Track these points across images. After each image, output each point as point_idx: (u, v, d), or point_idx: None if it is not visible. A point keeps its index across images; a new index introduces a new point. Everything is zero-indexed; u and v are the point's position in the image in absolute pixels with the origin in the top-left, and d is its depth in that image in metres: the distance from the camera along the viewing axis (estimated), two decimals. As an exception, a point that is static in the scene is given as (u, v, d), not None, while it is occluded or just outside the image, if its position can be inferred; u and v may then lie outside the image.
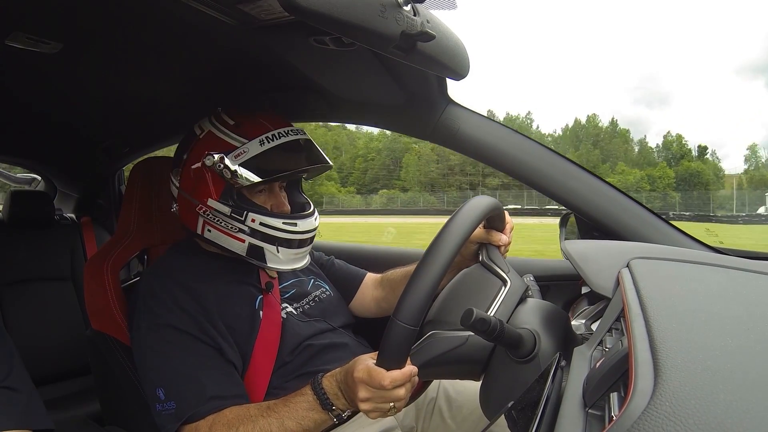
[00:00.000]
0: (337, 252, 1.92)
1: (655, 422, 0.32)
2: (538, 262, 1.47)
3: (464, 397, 1.15)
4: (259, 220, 1.03)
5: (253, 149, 1.01)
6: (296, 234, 1.06)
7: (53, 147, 2.02)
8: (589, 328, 0.83)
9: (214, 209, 1.03)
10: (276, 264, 1.06)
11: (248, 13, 0.81)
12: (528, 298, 0.85)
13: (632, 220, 1.17)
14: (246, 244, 1.04)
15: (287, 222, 1.05)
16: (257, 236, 1.03)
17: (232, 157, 1.00)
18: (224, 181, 1.01)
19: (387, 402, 0.79)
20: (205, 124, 1.07)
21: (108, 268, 1.17)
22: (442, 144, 1.30)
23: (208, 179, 1.03)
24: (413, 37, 0.75)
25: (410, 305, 0.68)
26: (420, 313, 0.69)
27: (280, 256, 1.05)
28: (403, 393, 0.78)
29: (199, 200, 1.04)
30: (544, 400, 0.47)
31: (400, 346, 0.71)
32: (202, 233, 1.07)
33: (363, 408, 0.80)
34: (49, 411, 0.91)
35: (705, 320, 0.53)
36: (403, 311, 0.68)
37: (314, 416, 0.87)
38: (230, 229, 1.04)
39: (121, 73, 1.21)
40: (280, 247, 1.05)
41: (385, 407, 0.79)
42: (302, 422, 0.87)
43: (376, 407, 0.80)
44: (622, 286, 0.71)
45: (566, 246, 1.00)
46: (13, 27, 0.92)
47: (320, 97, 1.29)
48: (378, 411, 0.80)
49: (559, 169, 1.21)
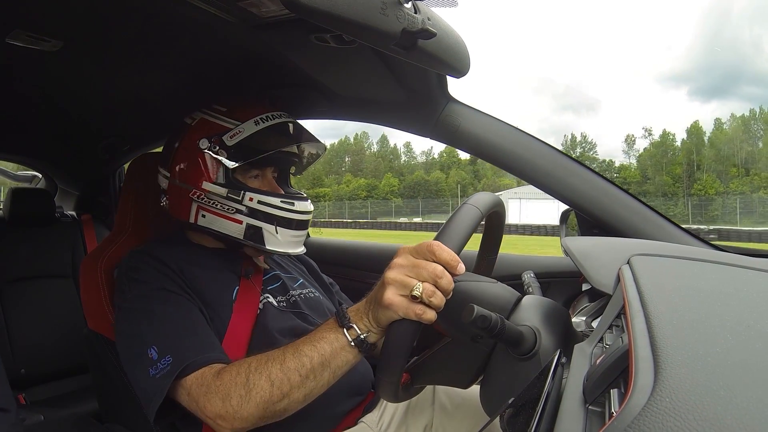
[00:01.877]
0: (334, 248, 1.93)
1: (656, 418, 0.32)
2: (538, 259, 1.47)
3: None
4: (257, 198, 1.02)
5: (248, 129, 1.02)
6: (294, 213, 1.05)
7: (54, 144, 2.02)
8: (589, 325, 0.83)
9: (209, 191, 1.02)
10: (275, 246, 1.04)
11: (249, 11, 0.82)
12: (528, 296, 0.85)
13: (633, 217, 1.17)
14: (243, 225, 1.02)
15: (285, 201, 1.04)
16: (256, 215, 1.02)
17: (227, 137, 1.01)
18: (219, 163, 1.01)
19: (419, 272, 0.71)
20: (196, 114, 1.07)
21: (102, 266, 1.16)
22: (443, 141, 1.30)
23: (203, 163, 1.03)
24: (414, 34, 0.75)
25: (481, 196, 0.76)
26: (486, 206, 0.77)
27: (279, 237, 1.04)
28: (440, 272, 0.70)
29: (193, 185, 1.03)
30: (545, 397, 0.47)
31: (465, 227, 0.74)
32: (196, 220, 1.05)
33: (388, 277, 0.72)
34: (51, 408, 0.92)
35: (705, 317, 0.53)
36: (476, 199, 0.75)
37: (329, 336, 0.79)
38: (227, 211, 1.02)
39: (122, 70, 1.21)
40: (278, 227, 1.03)
41: (411, 282, 0.70)
42: (317, 344, 0.80)
43: (403, 280, 0.71)
44: (622, 282, 0.71)
45: (567, 242, 1.00)
46: (13, 25, 0.92)
47: (321, 95, 1.29)
48: (401, 287, 0.71)
49: (560, 165, 1.21)
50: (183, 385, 0.86)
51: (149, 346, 0.89)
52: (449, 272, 0.71)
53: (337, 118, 1.45)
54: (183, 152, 1.05)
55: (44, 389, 1.90)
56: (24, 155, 2.25)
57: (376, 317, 0.76)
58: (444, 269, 0.71)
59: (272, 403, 0.80)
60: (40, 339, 1.93)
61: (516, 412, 0.56)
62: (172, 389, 0.87)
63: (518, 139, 1.22)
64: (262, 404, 0.80)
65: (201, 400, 0.84)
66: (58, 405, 1.80)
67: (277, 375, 0.80)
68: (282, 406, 0.81)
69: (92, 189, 2.35)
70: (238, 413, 0.80)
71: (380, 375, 0.74)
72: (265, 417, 0.82)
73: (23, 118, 1.63)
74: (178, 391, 0.87)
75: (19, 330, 1.90)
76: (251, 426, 0.82)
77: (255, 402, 0.80)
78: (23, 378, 1.86)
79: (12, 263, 1.96)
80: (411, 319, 0.71)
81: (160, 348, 0.88)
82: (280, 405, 0.81)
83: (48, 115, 1.62)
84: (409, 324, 0.72)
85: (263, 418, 0.82)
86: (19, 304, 1.93)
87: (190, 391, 0.86)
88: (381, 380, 0.75)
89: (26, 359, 1.89)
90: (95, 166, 2.19)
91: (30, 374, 1.88)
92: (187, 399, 0.87)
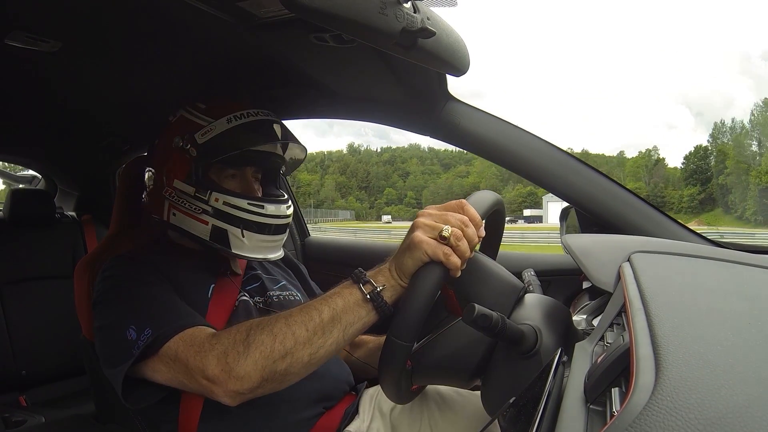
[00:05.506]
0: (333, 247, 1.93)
1: (657, 417, 0.32)
2: (538, 257, 1.47)
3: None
4: (222, 199, 0.98)
5: (219, 127, 0.99)
6: (263, 217, 1.00)
7: (54, 145, 2.02)
8: (590, 324, 0.83)
9: (179, 190, 1.00)
10: (241, 250, 1.00)
11: (248, 11, 0.82)
12: (529, 294, 0.85)
13: (633, 214, 1.17)
14: (209, 226, 0.99)
15: (253, 203, 1.00)
16: (220, 217, 0.98)
17: (198, 135, 0.99)
18: (190, 160, 0.99)
19: (448, 218, 0.74)
20: (179, 111, 1.06)
21: (93, 271, 1.11)
22: (443, 140, 1.30)
23: (174, 161, 1.01)
24: (414, 33, 0.75)
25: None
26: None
27: (246, 241, 0.99)
28: (467, 222, 0.74)
29: (167, 183, 1.02)
30: (546, 396, 0.47)
31: (488, 201, 0.82)
32: (168, 219, 1.03)
33: (418, 221, 0.75)
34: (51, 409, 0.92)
35: (706, 314, 0.53)
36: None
37: (344, 291, 0.77)
38: (194, 211, 0.99)
39: (121, 71, 1.20)
40: (245, 230, 0.99)
41: (440, 226, 0.73)
42: (329, 299, 0.77)
43: (432, 224, 0.73)
44: (623, 280, 0.71)
45: (567, 240, 1.00)
46: (12, 26, 0.92)
47: (321, 94, 1.29)
48: (430, 229, 0.73)
49: (560, 163, 1.21)
50: (166, 353, 0.81)
51: (126, 329, 0.84)
52: None
53: (337, 118, 1.45)
54: (161, 149, 1.05)
55: (45, 390, 1.90)
56: (24, 156, 2.25)
57: (401, 264, 0.75)
58: (470, 222, 0.75)
59: (272, 361, 0.74)
60: (41, 340, 1.93)
61: (517, 412, 0.56)
62: (149, 367, 0.83)
63: (518, 137, 1.22)
64: (261, 360, 0.74)
65: (192, 360, 0.78)
66: (59, 406, 1.80)
67: (281, 329, 0.75)
68: (284, 366, 0.75)
69: (92, 189, 2.34)
70: (233, 370, 0.74)
71: (393, 337, 0.70)
72: (264, 379, 0.75)
73: (23, 118, 1.62)
74: (156, 365, 0.83)
75: (19, 331, 1.90)
76: (249, 390, 0.76)
77: (254, 358, 0.74)
78: (24, 379, 1.86)
79: (12, 264, 1.96)
80: (438, 259, 0.72)
81: (139, 325, 0.83)
82: (281, 364, 0.75)
83: (47, 116, 1.62)
84: (434, 269, 0.72)
85: (263, 381, 0.75)
86: (19, 306, 1.93)
87: (177, 355, 0.80)
88: (392, 346, 0.70)
89: (27, 360, 1.89)
90: (95, 166, 2.19)
91: (31, 375, 1.89)
92: (172, 368, 0.81)
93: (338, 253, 1.93)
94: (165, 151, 1.03)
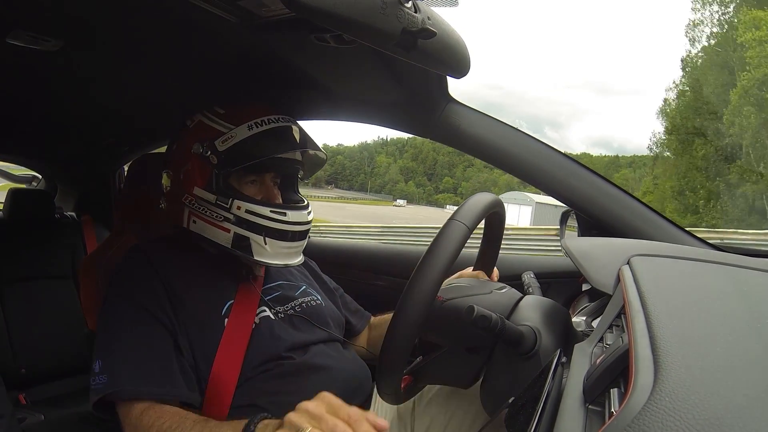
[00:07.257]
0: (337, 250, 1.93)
1: (655, 418, 0.33)
2: (538, 260, 1.48)
3: None
4: (245, 207, 0.98)
5: (240, 134, 0.99)
6: (285, 224, 1.00)
7: (54, 145, 2.02)
8: (589, 325, 0.83)
9: (199, 198, 1.00)
10: (264, 257, 1.00)
11: (249, 11, 0.82)
12: (528, 295, 0.85)
13: (632, 217, 1.17)
14: (231, 234, 0.99)
15: (275, 211, 1.00)
16: (243, 225, 0.98)
17: (219, 143, 0.98)
18: (210, 168, 0.99)
19: (320, 424, 0.63)
20: (197, 115, 1.05)
21: (101, 267, 1.15)
22: (443, 142, 1.30)
23: (194, 168, 1.00)
24: (414, 34, 0.75)
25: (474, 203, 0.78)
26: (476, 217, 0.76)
27: (268, 248, 0.99)
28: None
29: (186, 190, 1.01)
30: (545, 396, 0.48)
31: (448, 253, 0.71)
32: (188, 226, 1.03)
33: (286, 418, 0.66)
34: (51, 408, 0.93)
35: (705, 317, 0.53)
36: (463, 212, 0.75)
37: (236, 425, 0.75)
38: (215, 219, 0.99)
39: (122, 71, 1.21)
40: (267, 237, 0.99)
41: (303, 425, 0.63)
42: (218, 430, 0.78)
43: (297, 423, 0.64)
44: (622, 283, 0.71)
45: (567, 243, 1.01)
46: (13, 24, 0.92)
47: (321, 95, 1.29)
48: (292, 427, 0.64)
49: (559, 166, 1.21)
50: (119, 406, 0.89)
51: (97, 358, 0.91)
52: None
53: (337, 119, 1.45)
54: (178, 155, 1.04)
55: (45, 389, 1.90)
56: (24, 156, 2.25)
57: None
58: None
59: None
60: (41, 339, 1.92)
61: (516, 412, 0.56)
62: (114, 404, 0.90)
63: (518, 140, 1.22)
64: None
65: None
66: (58, 405, 1.80)
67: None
68: None
69: (92, 189, 2.34)
70: None
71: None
72: None
73: (23, 118, 1.62)
74: (118, 407, 0.90)
75: (19, 330, 1.90)
76: None
77: None
78: (24, 378, 1.86)
79: (12, 264, 1.95)
80: None
81: (102, 365, 0.90)
82: None
83: (48, 116, 1.62)
84: None
85: None
86: (19, 305, 1.93)
87: (121, 418, 0.89)
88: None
89: (27, 359, 1.89)
90: (95, 166, 2.19)
91: (30, 374, 1.88)
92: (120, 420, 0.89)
93: (338, 255, 1.92)
94: (183, 156, 1.02)
